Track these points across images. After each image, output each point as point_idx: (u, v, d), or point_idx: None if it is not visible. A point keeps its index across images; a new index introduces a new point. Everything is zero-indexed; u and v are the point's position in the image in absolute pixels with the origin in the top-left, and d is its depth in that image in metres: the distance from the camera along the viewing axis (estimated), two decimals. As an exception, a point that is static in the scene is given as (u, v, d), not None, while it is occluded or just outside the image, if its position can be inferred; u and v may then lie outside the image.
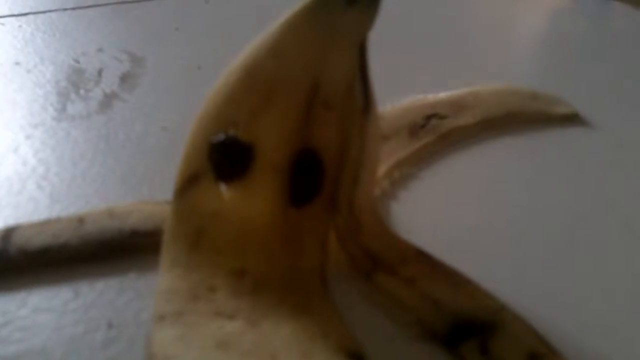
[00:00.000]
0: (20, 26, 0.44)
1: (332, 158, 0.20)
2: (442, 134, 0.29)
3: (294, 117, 0.20)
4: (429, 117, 0.30)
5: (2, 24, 0.45)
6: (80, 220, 0.22)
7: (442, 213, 0.25)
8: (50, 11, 0.47)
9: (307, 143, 0.20)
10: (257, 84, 0.20)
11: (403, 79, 0.35)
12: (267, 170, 0.20)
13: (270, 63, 0.19)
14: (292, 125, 0.20)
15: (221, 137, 0.20)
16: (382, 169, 0.26)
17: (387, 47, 0.27)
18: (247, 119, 0.20)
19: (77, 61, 0.38)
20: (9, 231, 0.22)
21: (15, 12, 0.47)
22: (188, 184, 0.21)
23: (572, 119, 0.32)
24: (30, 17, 0.46)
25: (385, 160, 0.27)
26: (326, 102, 0.20)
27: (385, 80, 0.24)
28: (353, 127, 0.20)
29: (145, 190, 0.26)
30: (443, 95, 0.32)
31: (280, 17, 0.19)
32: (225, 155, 0.20)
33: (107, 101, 0.33)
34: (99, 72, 0.37)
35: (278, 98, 0.19)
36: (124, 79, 0.36)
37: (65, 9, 0.48)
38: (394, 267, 0.20)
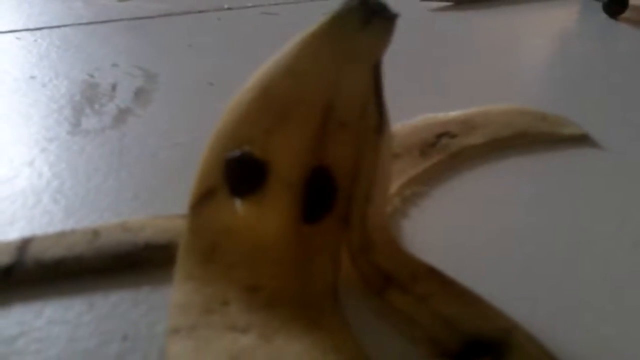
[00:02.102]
0: (35, 40, 0.45)
1: (345, 176, 0.21)
2: (453, 152, 0.29)
3: (309, 136, 0.20)
4: (439, 136, 0.30)
5: (18, 39, 0.45)
6: (95, 233, 0.23)
7: (452, 231, 0.25)
8: (65, 26, 0.48)
9: (321, 161, 0.20)
10: (272, 102, 0.20)
11: (414, 98, 0.36)
12: (281, 187, 0.20)
13: (286, 82, 0.20)
14: (307, 143, 0.20)
15: (237, 153, 0.20)
16: (393, 187, 0.26)
17: (397, 67, 0.27)
18: (263, 136, 0.20)
19: (92, 76, 0.39)
20: (25, 242, 0.22)
21: (31, 27, 0.48)
22: (203, 198, 0.21)
23: (581, 140, 0.32)
24: (45, 31, 0.47)
25: (397, 178, 0.27)
26: (340, 121, 0.20)
27: (397, 99, 0.24)
28: (367, 145, 0.20)
29: (158, 205, 0.26)
30: (453, 114, 0.32)
31: (296, 37, 0.20)
32: (240, 171, 0.20)
33: (121, 116, 0.34)
34: (113, 87, 0.37)
35: (293, 116, 0.20)
36: (138, 94, 0.36)
37: (80, 24, 0.48)
38: (405, 285, 0.21)
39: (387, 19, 0.19)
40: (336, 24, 0.19)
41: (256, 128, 0.20)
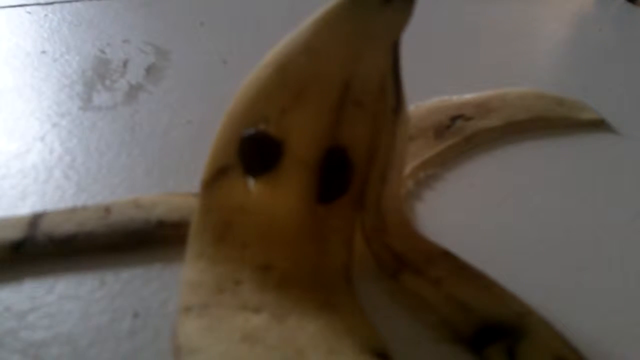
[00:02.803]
0: (46, 15, 0.45)
1: (361, 156, 0.20)
2: (468, 135, 0.29)
3: (325, 115, 0.20)
4: (454, 118, 0.30)
5: (29, 13, 0.45)
6: (107, 209, 0.23)
7: (466, 214, 0.25)
8: (76, 0, 0.48)
9: (337, 141, 0.20)
10: (289, 80, 0.20)
11: (429, 80, 0.35)
12: (296, 166, 0.20)
13: (304, 60, 0.19)
14: (323, 123, 0.20)
15: (251, 131, 0.20)
16: (407, 169, 0.26)
17: (413, 48, 0.27)
18: (278, 114, 0.20)
19: (103, 52, 0.38)
20: (37, 217, 0.22)
21: (42, 1, 0.47)
22: (216, 176, 0.21)
23: (598, 126, 0.32)
24: (57, 6, 0.46)
25: (411, 160, 0.27)
26: (358, 101, 0.20)
27: (412, 81, 0.24)
28: (384, 126, 0.20)
29: (170, 183, 0.26)
30: (469, 96, 0.32)
31: (313, 14, 0.19)
32: (254, 150, 0.20)
33: (133, 92, 0.33)
34: (125, 63, 0.37)
35: (310, 95, 0.19)
36: (150, 70, 0.36)
37: None
38: (419, 268, 0.20)
39: (407, -3, 0.19)
40: (356, 2, 0.18)
41: (272, 106, 0.20)
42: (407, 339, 0.19)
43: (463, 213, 0.25)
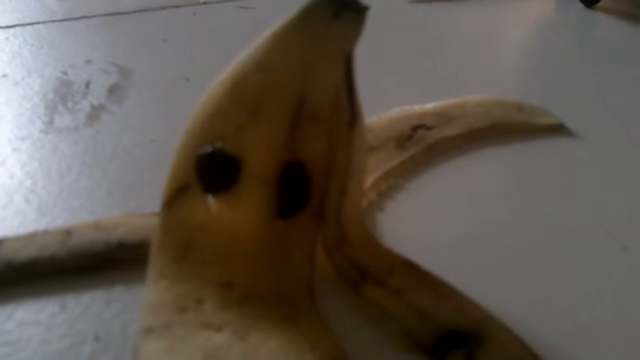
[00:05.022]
0: (7, 38, 0.44)
1: (319, 170, 0.20)
2: (429, 144, 0.29)
3: (281, 130, 0.20)
4: (415, 128, 0.30)
5: (-10, 36, 0.45)
6: (68, 233, 0.22)
7: (428, 223, 0.25)
8: (38, 23, 0.47)
9: (294, 156, 0.20)
10: (244, 97, 0.20)
11: (390, 90, 0.36)
12: (254, 182, 0.20)
13: (257, 76, 0.19)
14: (279, 138, 0.20)
15: (208, 149, 0.20)
16: (369, 180, 0.26)
17: (374, 59, 0.27)
18: (234, 132, 0.20)
19: (65, 73, 0.38)
20: (-4, 244, 0.22)
21: (3, 24, 0.47)
22: (175, 196, 0.21)
23: (557, 130, 0.32)
24: (18, 29, 0.46)
25: (372, 171, 0.27)
26: (313, 115, 0.20)
27: (373, 92, 0.24)
28: (340, 139, 0.20)
29: (132, 203, 0.26)
30: (429, 106, 0.32)
31: (267, 31, 0.20)
32: (212, 168, 0.20)
33: (95, 113, 0.33)
34: (87, 85, 0.37)
35: (265, 111, 0.20)
36: (112, 91, 0.36)
37: (54, 21, 0.48)
38: (381, 279, 0.20)
39: (358, 11, 0.19)
40: (306, 17, 0.19)
41: (228, 123, 0.20)
42: (369, 349, 0.19)
43: (425, 222, 0.25)
